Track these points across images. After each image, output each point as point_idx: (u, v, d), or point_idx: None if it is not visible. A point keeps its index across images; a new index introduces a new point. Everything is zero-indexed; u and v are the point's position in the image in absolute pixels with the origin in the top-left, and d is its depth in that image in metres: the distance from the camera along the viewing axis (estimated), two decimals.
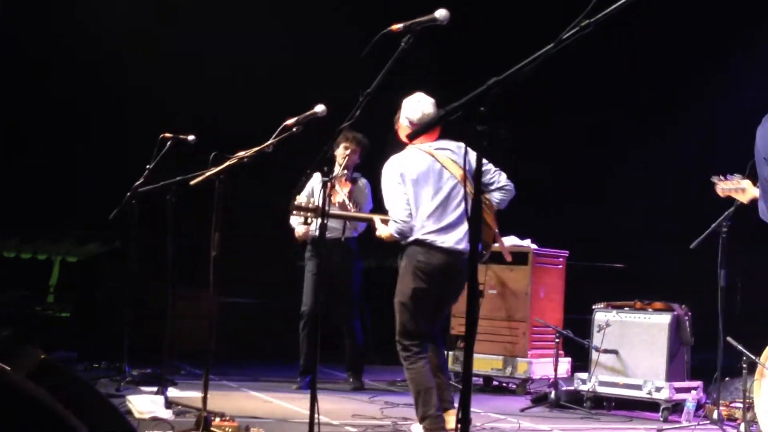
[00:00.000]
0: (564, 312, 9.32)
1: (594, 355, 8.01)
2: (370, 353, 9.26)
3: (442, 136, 5.92)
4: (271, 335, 10.15)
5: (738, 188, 6.01)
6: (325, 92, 6.01)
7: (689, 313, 7.96)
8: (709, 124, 11.12)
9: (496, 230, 6.11)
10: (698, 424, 6.92)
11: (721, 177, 6.10)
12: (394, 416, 6.90)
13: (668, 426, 7.13)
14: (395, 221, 5.81)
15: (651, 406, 7.73)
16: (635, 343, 7.87)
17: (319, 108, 5.62)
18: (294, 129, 5.63)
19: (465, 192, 5.66)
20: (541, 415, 7.57)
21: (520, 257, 9.12)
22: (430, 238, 5.78)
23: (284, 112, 5.86)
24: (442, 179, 5.84)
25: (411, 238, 5.81)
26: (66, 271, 12.90)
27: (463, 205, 5.83)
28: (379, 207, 6.71)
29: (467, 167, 5.42)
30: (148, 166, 7.71)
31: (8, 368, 3.75)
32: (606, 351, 7.94)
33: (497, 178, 5.99)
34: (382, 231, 5.98)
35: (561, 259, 9.38)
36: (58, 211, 11.56)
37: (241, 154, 6.43)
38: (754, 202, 5.90)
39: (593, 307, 8.23)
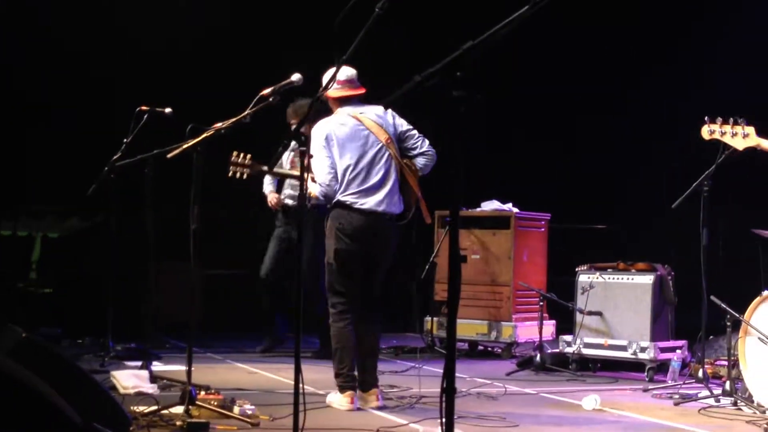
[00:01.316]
0: (547, 275, 9.33)
1: (578, 317, 8.02)
2: None
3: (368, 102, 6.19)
4: (254, 307, 10.11)
5: (737, 132, 5.83)
6: (300, 56, 5.96)
7: (672, 273, 7.98)
8: (701, 71, 11.00)
9: (419, 194, 6.31)
10: (684, 383, 6.94)
11: (719, 118, 5.92)
12: (381, 384, 6.89)
13: (654, 385, 7.15)
14: (319, 184, 6.04)
15: (636, 366, 7.76)
16: (619, 304, 7.89)
17: (296, 77, 5.57)
18: (271, 99, 5.57)
19: (389, 155, 6.07)
20: (527, 379, 7.58)
21: (502, 221, 9.12)
22: (351, 200, 6.01)
23: (261, 81, 5.81)
24: (368, 143, 6.07)
25: (334, 200, 6.03)
26: (47, 247, 12.83)
27: (385, 168, 6.09)
28: None
29: (392, 131, 6.05)
30: (125, 140, 7.63)
31: None
32: (590, 313, 7.96)
33: (420, 143, 6.24)
34: (312, 189, 6.09)
35: (543, 222, 9.38)
36: (38, 186, 11.46)
37: (218, 125, 6.38)
38: (748, 150, 5.82)
39: (576, 269, 8.24)
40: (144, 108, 7.54)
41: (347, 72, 6.09)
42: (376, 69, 5.76)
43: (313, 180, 6.09)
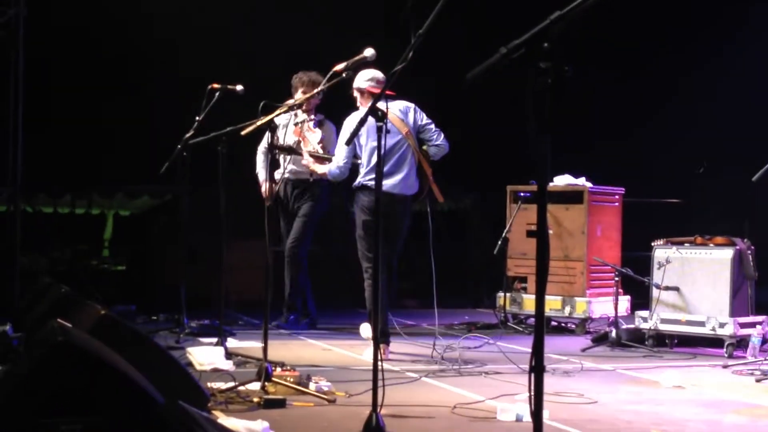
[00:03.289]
0: (622, 250, 9.22)
1: (655, 292, 7.91)
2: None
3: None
4: (325, 282, 10.13)
5: None
6: (371, 38, 5.92)
7: (752, 248, 7.82)
8: None
9: (431, 178, 7.25)
10: (764, 359, 6.81)
11: None
12: (453, 358, 6.87)
13: (733, 362, 7.03)
14: (336, 165, 7.16)
15: (714, 342, 7.63)
16: (697, 279, 7.75)
17: (368, 51, 5.55)
18: (344, 74, 5.56)
19: (408, 145, 7.11)
20: (603, 355, 7.50)
21: (575, 196, 9.02)
22: (372, 183, 6.95)
23: (331, 58, 5.79)
24: (389, 135, 6.45)
25: (358, 184, 7.13)
26: (119, 225, 12.98)
27: (402, 156, 7.12)
28: None
29: (412, 125, 7.16)
30: (197, 118, 7.67)
31: (70, 325, 3.76)
32: (667, 288, 7.83)
33: (435, 136, 7.24)
34: (317, 168, 7.60)
35: (617, 197, 9.26)
36: (110, 165, 11.59)
37: (291, 102, 6.39)
38: None
39: (652, 244, 8.10)
40: (216, 85, 7.56)
41: (380, 75, 7.04)
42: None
43: (314, 157, 7.48)
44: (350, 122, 7.05)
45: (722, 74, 11.26)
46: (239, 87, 7.57)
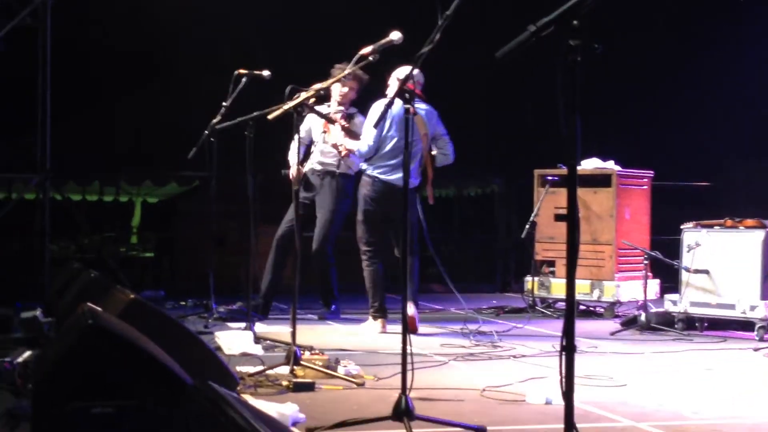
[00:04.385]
0: (651, 233, 9.16)
1: (684, 275, 7.85)
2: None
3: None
4: (351, 268, 10.13)
5: None
6: (397, 20, 5.89)
7: None
8: None
9: (430, 180, 7.65)
10: None
11: None
12: (484, 342, 6.86)
13: (764, 345, 6.98)
14: (364, 144, 7.48)
15: (745, 325, 7.57)
16: (727, 262, 7.69)
17: (395, 35, 5.52)
18: (371, 57, 5.53)
19: (420, 146, 7.42)
20: (632, 338, 7.46)
21: (603, 179, 8.97)
22: (377, 173, 7.51)
23: (357, 41, 5.77)
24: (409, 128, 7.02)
25: (366, 171, 7.57)
26: (147, 212, 13.04)
27: (412, 154, 7.11)
28: None
29: (431, 130, 7.54)
30: (224, 103, 7.67)
31: (100, 309, 3.77)
32: (697, 271, 7.78)
33: (445, 146, 7.69)
34: (346, 143, 7.78)
35: (646, 180, 9.21)
36: (136, 152, 11.64)
37: (317, 86, 6.37)
38: None
39: (682, 227, 8.04)
40: (242, 71, 7.55)
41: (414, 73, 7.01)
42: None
43: (345, 131, 7.76)
44: (378, 106, 7.17)
45: (753, 57, 11.14)
46: (266, 72, 7.56)
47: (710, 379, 5.79)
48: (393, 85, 7.44)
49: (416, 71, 7.11)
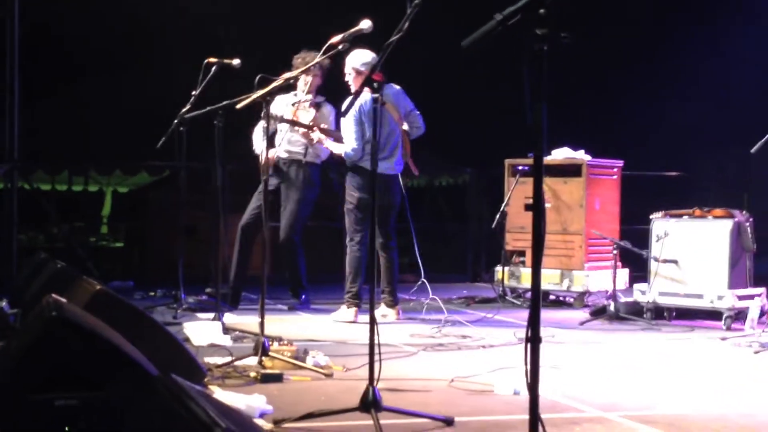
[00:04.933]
0: (620, 223, 9.19)
1: (653, 265, 7.87)
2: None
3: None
4: (322, 258, 10.11)
5: None
6: (369, 8, 5.85)
7: (751, 219, 7.78)
8: None
9: (409, 153, 7.92)
10: (763, 331, 6.79)
11: None
12: (453, 334, 6.85)
13: (732, 334, 7.01)
14: (351, 150, 7.55)
15: (713, 315, 7.61)
16: (695, 251, 7.72)
17: (365, 24, 5.47)
18: (340, 47, 5.49)
19: (399, 131, 7.68)
20: (601, 328, 7.48)
21: (573, 169, 8.97)
22: (367, 164, 7.37)
23: (327, 30, 5.73)
24: (385, 119, 7.46)
25: (358, 164, 7.57)
26: (117, 202, 12.95)
27: (394, 142, 7.69)
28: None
29: (403, 110, 7.74)
30: (194, 92, 7.61)
31: (65, 300, 3.73)
32: (665, 261, 7.80)
33: (416, 119, 7.86)
34: (332, 147, 7.85)
35: (616, 170, 9.22)
36: (106, 142, 11.55)
37: (287, 75, 6.33)
38: None
39: (651, 216, 8.06)
40: (212, 60, 7.49)
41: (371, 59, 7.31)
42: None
43: (326, 135, 7.84)
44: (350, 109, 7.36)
45: (722, 47, 11.19)
46: (236, 61, 7.50)
47: (678, 369, 5.80)
48: (351, 73, 7.49)
49: (373, 56, 7.31)
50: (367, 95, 7.17)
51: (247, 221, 8.13)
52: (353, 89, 7.51)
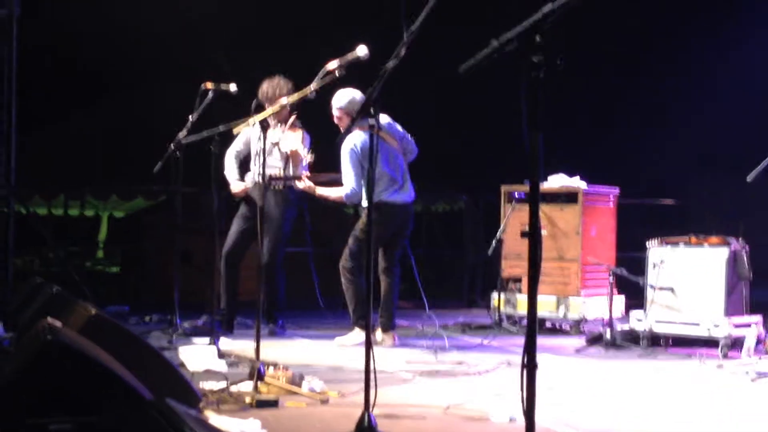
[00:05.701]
0: (617, 250, 9.19)
1: (649, 293, 7.87)
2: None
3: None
4: (322, 284, 10.10)
5: None
6: (366, 32, 5.88)
7: (747, 247, 7.79)
8: None
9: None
10: (759, 359, 6.78)
11: None
12: (449, 360, 6.84)
13: (728, 362, 6.99)
14: (348, 188, 7.51)
15: (709, 343, 7.59)
16: (691, 279, 7.72)
17: (362, 51, 5.48)
18: (336, 72, 5.50)
19: (402, 159, 7.76)
20: (598, 355, 7.46)
21: (569, 196, 8.98)
22: (390, 199, 7.63)
23: (325, 56, 5.75)
24: (390, 152, 7.53)
25: (382, 199, 7.50)
26: (113, 226, 12.94)
27: (402, 168, 7.76)
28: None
29: (398, 136, 7.75)
30: (190, 117, 7.61)
31: (60, 324, 3.72)
32: (662, 288, 7.80)
33: (409, 144, 7.86)
34: (327, 193, 7.71)
35: (612, 197, 9.23)
36: (103, 167, 11.57)
37: (283, 100, 6.35)
38: None
39: (647, 244, 8.07)
40: (209, 85, 7.50)
41: (360, 95, 7.46)
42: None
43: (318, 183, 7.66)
44: (348, 146, 7.47)
45: (718, 75, 11.24)
46: (233, 86, 7.50)
47: (674, 397, 5.79)
48: (341, 116, 7.53)
49: (359, 94, 7.51)
50: (361, 134, 7.32)
51: (230, 248, 8.15)
52: (343, 128, 7.59)
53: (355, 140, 7.49)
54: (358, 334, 7.61)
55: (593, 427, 4.76)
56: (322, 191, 7.76)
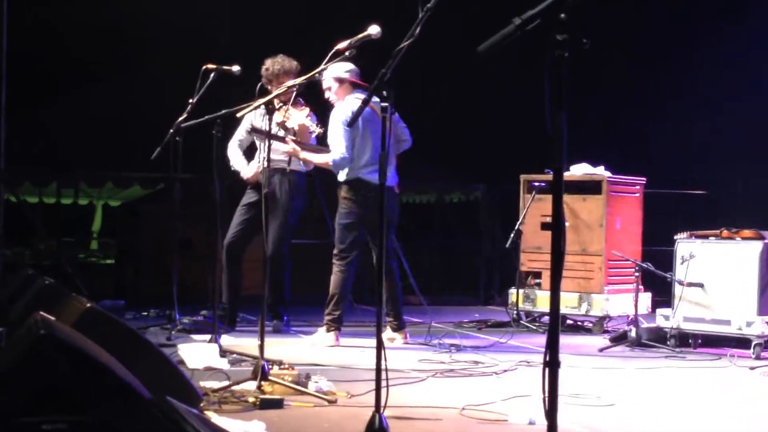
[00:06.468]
0: (643, 244, 9.17)
1: (677, 289, 7.86)
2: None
3: None
4: (326, 277, 10.10)
5: None
6: (377, 14, 5.87)
7: None
8: None
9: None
10: None
11: None
12: (464, 360, 6.84)
13: (761, 363, 6.99)
14: (340, 154, 7.43)
15: (741, 342, 7.58)
16: (722, 275, 7.70)
17: (374, 29, 5.48)
18: (347, 53, 5.50)
19: (393, 141, 7.46)
20: (622, 355, 7.46)
21: (593, 186, 8.97)
22: (369, 177, 7.47)
23: (333, 36, 5.75)
24: (379, 128, 7.16)
25: (354, 177, 7.50)
26: (109, 216, 12.96)
27: (391, 150, 7.52)
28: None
29: (394, 119, 7.43)
30: (191, 100, 7.61)
31: (54, 318, 3.73)
32: (691, 284, 7.78)
33: (402, 132, 7.82)
34: (311, 157, 7.71)
35: (638, 187, 9.22)
36: (97, 153, 11.58)
37: (290, 82, 6.35)
38: None
39: (675, 237, 8.05)
40: (210, 66, 7.50)
41: (352, 67, 7.47)
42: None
43: (301, 145, 7.65)
44: (338, 116, 7.45)
45: (748, 61, 11.20)
46: (236, 68, 7.51)
47: (703, 400, 5.79)
48: (333, 85, 7.50)
49: (352, 66, 7.46)
50: (356, 102, 7.17)
51: (232, 239, 8.12)
52: (335, 101, 7.61)
53: (347, 109, 7.44)
54: (324, 335, 7.55)
55: (617, 431, 4.75)
56: (306, 155, 7.73)
